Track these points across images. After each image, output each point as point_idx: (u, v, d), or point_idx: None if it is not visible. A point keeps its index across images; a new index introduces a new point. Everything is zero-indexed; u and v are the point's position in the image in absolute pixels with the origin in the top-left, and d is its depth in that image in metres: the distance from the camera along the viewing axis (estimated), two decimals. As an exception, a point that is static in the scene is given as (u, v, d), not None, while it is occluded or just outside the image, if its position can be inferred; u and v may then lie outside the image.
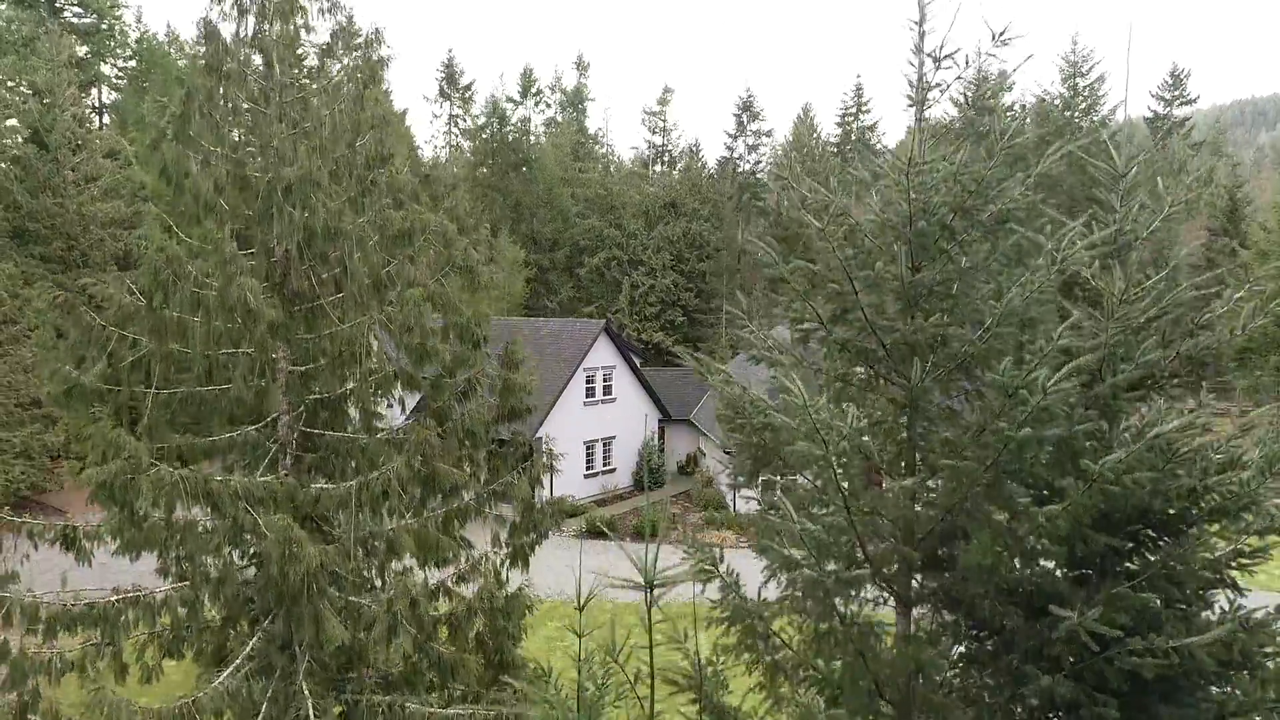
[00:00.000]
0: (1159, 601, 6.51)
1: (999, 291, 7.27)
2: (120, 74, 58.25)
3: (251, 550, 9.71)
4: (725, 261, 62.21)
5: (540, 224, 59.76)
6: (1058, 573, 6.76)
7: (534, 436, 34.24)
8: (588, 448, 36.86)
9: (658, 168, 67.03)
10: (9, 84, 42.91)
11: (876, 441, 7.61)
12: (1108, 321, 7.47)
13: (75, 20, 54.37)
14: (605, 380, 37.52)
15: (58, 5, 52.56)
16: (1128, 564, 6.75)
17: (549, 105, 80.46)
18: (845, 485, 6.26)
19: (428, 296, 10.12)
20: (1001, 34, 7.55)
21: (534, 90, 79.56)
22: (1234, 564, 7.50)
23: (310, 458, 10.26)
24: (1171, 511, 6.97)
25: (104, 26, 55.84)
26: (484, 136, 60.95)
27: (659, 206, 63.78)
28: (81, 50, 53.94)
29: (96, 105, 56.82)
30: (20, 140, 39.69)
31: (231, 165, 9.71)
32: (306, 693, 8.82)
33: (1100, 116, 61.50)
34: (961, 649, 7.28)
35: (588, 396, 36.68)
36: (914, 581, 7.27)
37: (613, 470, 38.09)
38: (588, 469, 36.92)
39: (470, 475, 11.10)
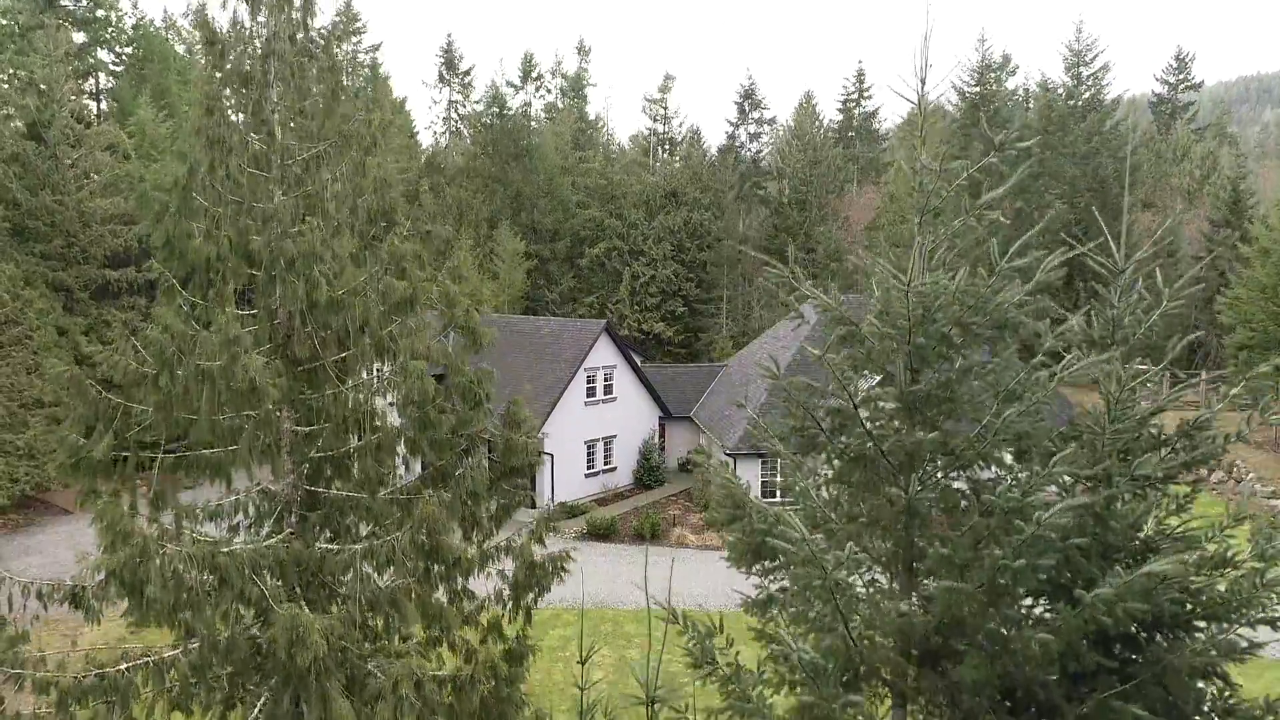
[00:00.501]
0: (1150, 711, 6.64)
1: (996, 389, 7.34)
2: (117, 61, 57.82)
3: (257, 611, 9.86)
4: (726, 252, 62.09)
5: (541, 214, 59.59)
6: (1052, 677, 6.89)
7: (536, 433, 34.34)
8: (589, 447, 37.01)
9: (659, 156, 66.69)
10: (4, 80, 42.65)
11: (874, 537, 7.73)
12: (1105, 431, 7.54)
13: (71, 6, 53.91)
14: (606, 379, 37.61)
15: (54, -6, 52.04)
16: (1119, 672, 6.88)
17: (549, 91, 79.98)
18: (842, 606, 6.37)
19: (430, 355, 10.20)
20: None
21: (534, 75, 79.05)
22: (1227, 659, 7.61)
23: (315, 515, 10.38)
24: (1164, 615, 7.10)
25: (100, 14, 55.36)
26: (484, 123, 60.59)
27: (660, 196, 63.55)
28: (78, 37, 53.58)
29: (94, 92, 56.48)
30: (18, 136, 39.43)
31: (234, 234, 9.75)
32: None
33: (1103, 110, 61.14)
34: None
35: (588, 396, 36.79)
36: (909, 677, 7.40)
37: (613, 469, 38.27)
38: (589, 468, 37.09)
39: (474, 532, 11.21)
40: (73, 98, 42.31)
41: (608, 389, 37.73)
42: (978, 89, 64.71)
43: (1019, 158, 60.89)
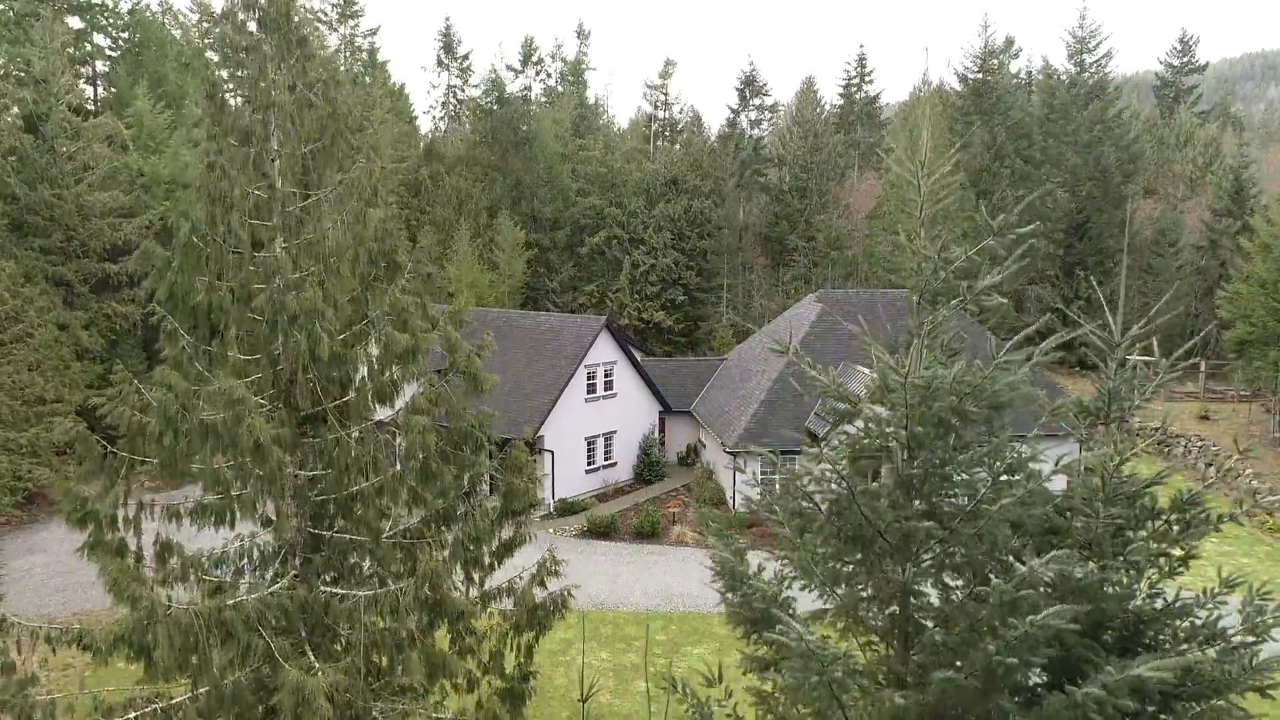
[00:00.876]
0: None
1: (993, 470, 7.42)
2: (113, 47, 57.35)
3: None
4: (726, 240, 61.94)
5: (541, 203, 59.39)
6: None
7: (537, 435, 34.57)
8: (589, 443, 37.16)
9: (659, 143, 66.37)
10: (1, 72, 42.38)
11: (872, 609, 7.84)
12: (1099, 515, 7.63)
13: (67, -9, 53.39)
14: (606, 376, 37.69)
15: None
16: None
17: (549, 75, 79.48)
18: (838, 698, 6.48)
19: (433, 398, 10.28)
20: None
21: (534, 59, 78.49)
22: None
23: (318, 558, 10.50)
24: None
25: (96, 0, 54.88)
26: (484, 109, 60.23)
27: (660, 184, 63.29)
28: (74, 22, 53.13)
29: (91, 77, 56.09)
30: (16, 130, 39.21)
31: (237, 285, 9.79)
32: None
33: (1105, 98, 60.72)
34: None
35: (589, 393, 36.89)
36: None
37: (614, 464, 38.45)
38: (589, 464, 37.26)
39: (475, 572, 11.33)
40: (69, 91, 42.06)
41: (608, 385, 37.83)
42: (980, 75, 64.23)
43: (1017, 153, 60.54)
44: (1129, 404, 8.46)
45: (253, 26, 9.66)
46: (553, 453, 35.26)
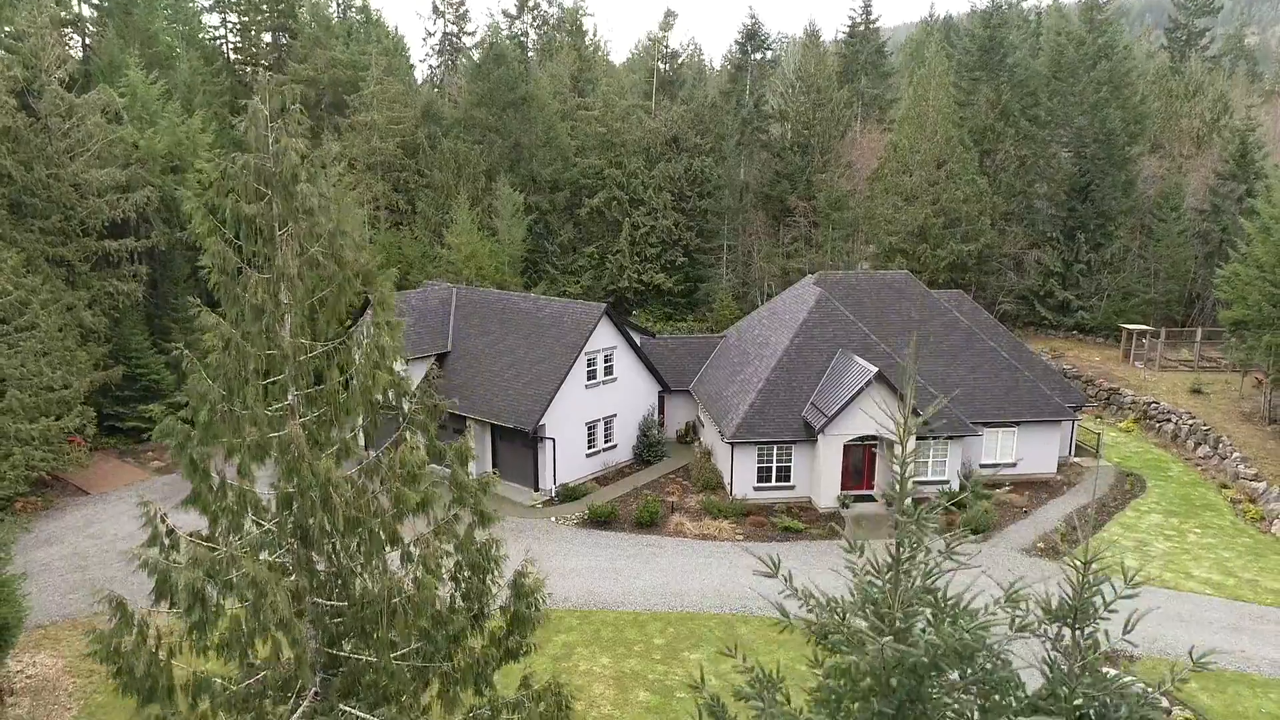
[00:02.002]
0: None
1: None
2: (99, 6, 55.97)
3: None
4: (727, 202, 61.52)
5: (540, 166, 58.83)
6: None
7: (538, 423, 35.25)
8: (589, 428, 37.81)
9: (660, 100, 65.30)
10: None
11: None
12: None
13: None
14: (606, 361, 38.12)
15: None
16: None
17: (546, 21, 77.67)
18: None
19: (440, 530, 10.80)
20: None
21: (530, 4, 76.65)
22: None
23: (338, 681, 11.14)
24: None
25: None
26: (480, 69, 59.13)
27: (661, 143, 62.57)
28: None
29: (81, 43, 54.98)
30: (10, 110, 38.70)
31: (251, 452, 10.21)
32: None
33: (1114, 59, 59.49)
34: None
35: (589, 379, 37.37)
36: None
37: (613, 446, 39.18)
38: (589, 448, 37.98)
39: (485, 689, 12.00)
40: (60, 65, 41.37)
41: (608, 370, 38.29)
42: (988, 33, 62.79)
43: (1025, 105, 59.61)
44: (1097, 615, 8.96)
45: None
46: (554, 440, 35.95)
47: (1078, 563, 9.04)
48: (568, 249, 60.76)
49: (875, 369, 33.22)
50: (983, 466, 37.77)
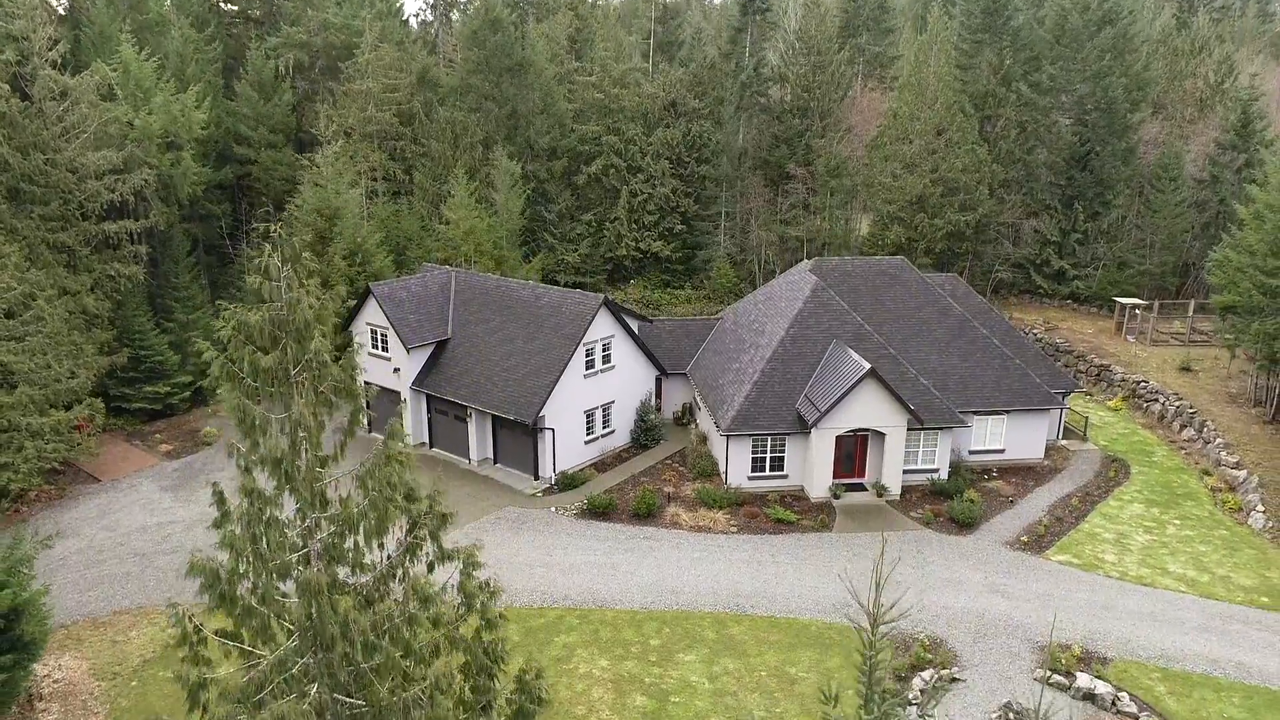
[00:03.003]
0: None
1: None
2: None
3: None
4: (725, 169, 61.26)
5: (537, 134, 58.44)
6: None
7: (538, 415, 36.06)
8: (588, 415, 38.62)
9: (660, 63, 64.49)
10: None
11: None
12: None
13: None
14: (604, 350, 38.72)
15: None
16: None
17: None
18: None
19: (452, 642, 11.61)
20: None
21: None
22: None
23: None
24: None
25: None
26: (476, 36, 58.21)
27: (659, 108, 62.05)
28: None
29: (68, 5, 54.00)
30: (4, 96, 38.45)
31: (275, 610, 10.92)
32: None
33: (1118, 24, 58.56)
34: None
35: (588, 369, 38.02)
36: None
37: (611, 432, 40.05)
38: (588, 435, 38.85)
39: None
40: (52, 48, 40.94)
41: (606, 359, 38.92)
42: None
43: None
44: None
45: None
46: (553, 430, 36.79)
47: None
48: (565, 217, 60.76)
49: (868, 365, 33.86)
50: (971, 453, 38.74)
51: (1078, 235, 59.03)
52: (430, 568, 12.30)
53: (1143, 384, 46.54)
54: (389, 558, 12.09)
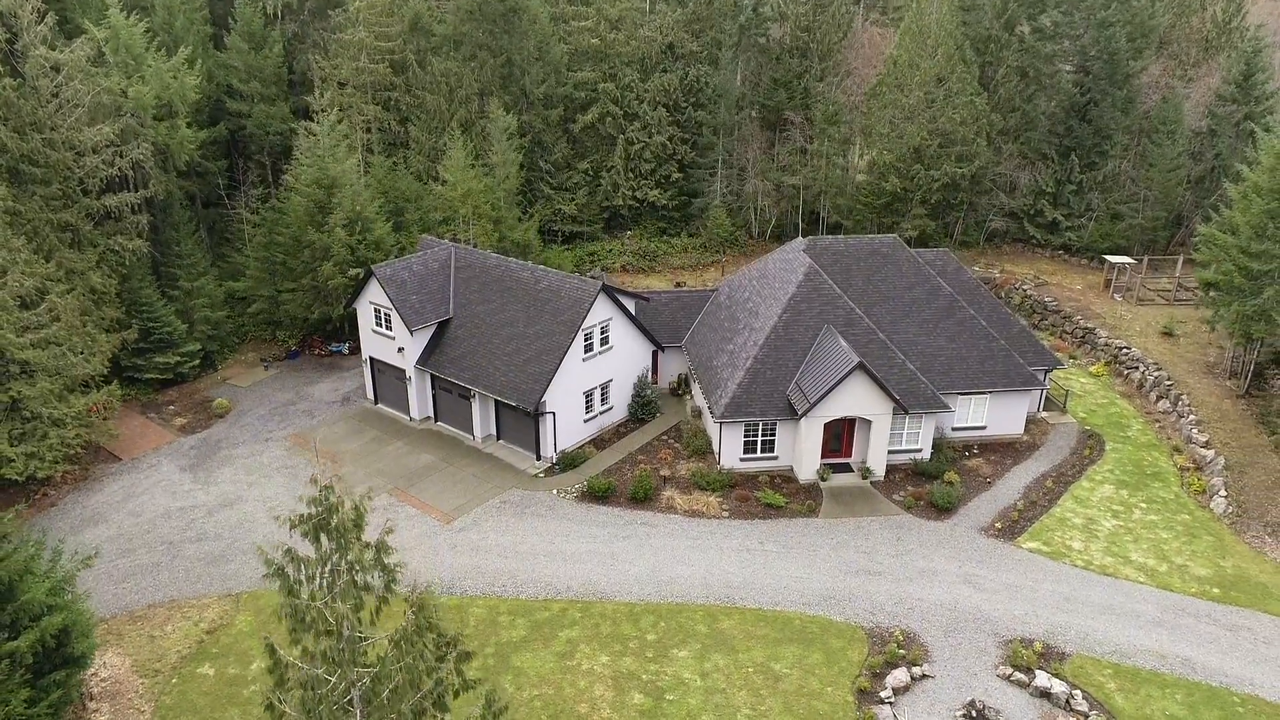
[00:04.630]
0: None
1: None
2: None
3: None
4: (723, 117, 60.75)
5: (533, 83, 57.73)
6: None
7: (539, 401, 37.60)
8: (587, 396, 40.10)
9: (658, 4, 62.98)
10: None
11: None
12: None
13: None
14: (603, 333, 39.87)
15: None
16: None
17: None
18: None
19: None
20: None
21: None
22: None
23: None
24: None
25: None
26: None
27: (656, 52, 61.07)
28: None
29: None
30: (-5, 76, 38.28)
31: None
32: None
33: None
34: None
35: (586, 353, 39.25)
36: None
37: (610, 408, 41.63)
38: (587, 414, 40.42)
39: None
40: (41, 19, 40.36)
41: (604, 340, 40.11)
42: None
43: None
44: None
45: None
46: (554, 413, 38.36)
47: None
48: (562, 166, 60.66)
49: (856, 359, 35.19)
50: (954, 430, 40.52)
51: (1072, 186, 59.27)
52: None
53: (1125, 350, 47.96)
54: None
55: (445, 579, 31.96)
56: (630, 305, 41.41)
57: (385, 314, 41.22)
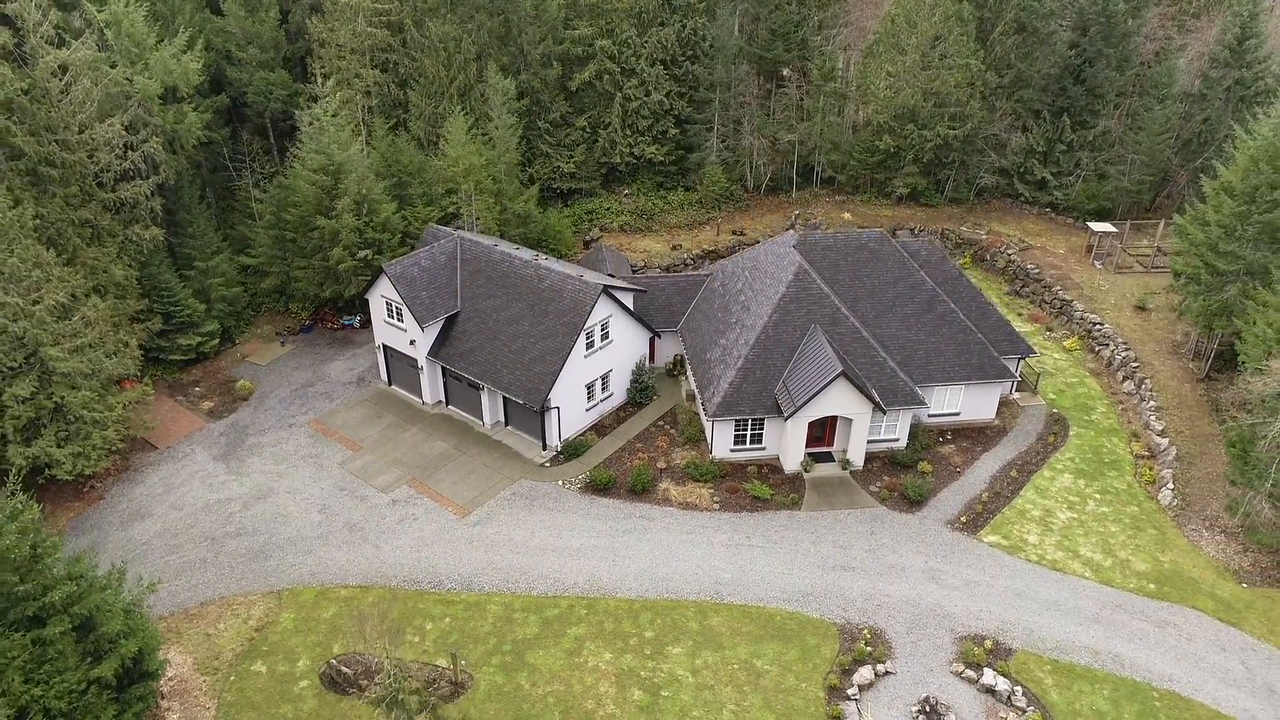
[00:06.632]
0: None
1: None
2: None
3: None
4: (719, 73, 60.89)
5: (529, 44, 57.69)
6: None
7: (545, 399, 40.52)
8: (588, 388, 42.87)
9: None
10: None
11: None
12: None
13: None
14: (603, 330, 42.29)
15: None
16: None
17: None
18: None
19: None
20: None
21: None
22: None
23: None
24: None
25: None
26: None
27: (654, 5, 60.57)
28: None
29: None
30: (9, 81, 39.02)
31: None
32: None
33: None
34: None
35: (588, 349, 41.77)
36: None
37: (610, 395, 44.48)
38: (589, 403, 43.28)
39: None
40: (44, 17, 40.75)
41: (604, 336, 42.57)
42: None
43: None
44: None
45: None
46: (558, 408, 41.27)
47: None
48: (560, 124, 61.25)
49: (840, 368, 37.83)
50: (930, 416, 43.59)
51: (1063, 146, 60.23)
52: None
53: (1098, 325, 50.48)
54: None
55: (464, 575, 35.59)
56: (629, 301, 43.63)
57: (396, 307, 43.45)
